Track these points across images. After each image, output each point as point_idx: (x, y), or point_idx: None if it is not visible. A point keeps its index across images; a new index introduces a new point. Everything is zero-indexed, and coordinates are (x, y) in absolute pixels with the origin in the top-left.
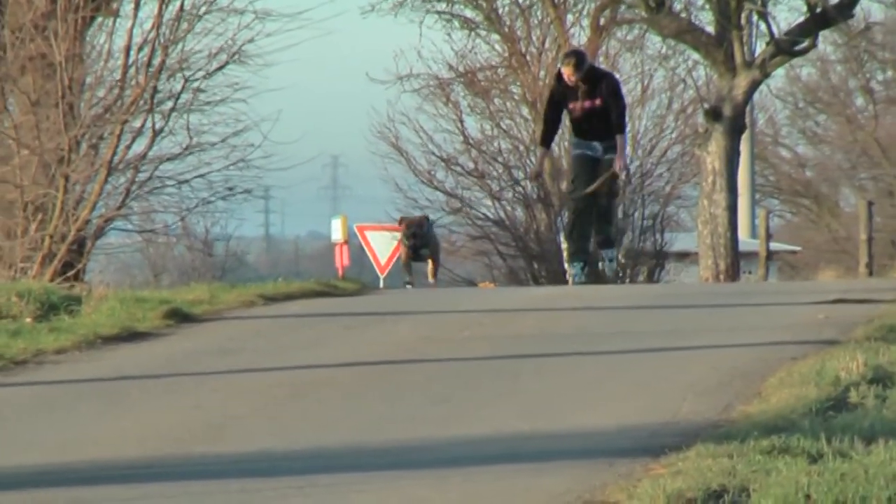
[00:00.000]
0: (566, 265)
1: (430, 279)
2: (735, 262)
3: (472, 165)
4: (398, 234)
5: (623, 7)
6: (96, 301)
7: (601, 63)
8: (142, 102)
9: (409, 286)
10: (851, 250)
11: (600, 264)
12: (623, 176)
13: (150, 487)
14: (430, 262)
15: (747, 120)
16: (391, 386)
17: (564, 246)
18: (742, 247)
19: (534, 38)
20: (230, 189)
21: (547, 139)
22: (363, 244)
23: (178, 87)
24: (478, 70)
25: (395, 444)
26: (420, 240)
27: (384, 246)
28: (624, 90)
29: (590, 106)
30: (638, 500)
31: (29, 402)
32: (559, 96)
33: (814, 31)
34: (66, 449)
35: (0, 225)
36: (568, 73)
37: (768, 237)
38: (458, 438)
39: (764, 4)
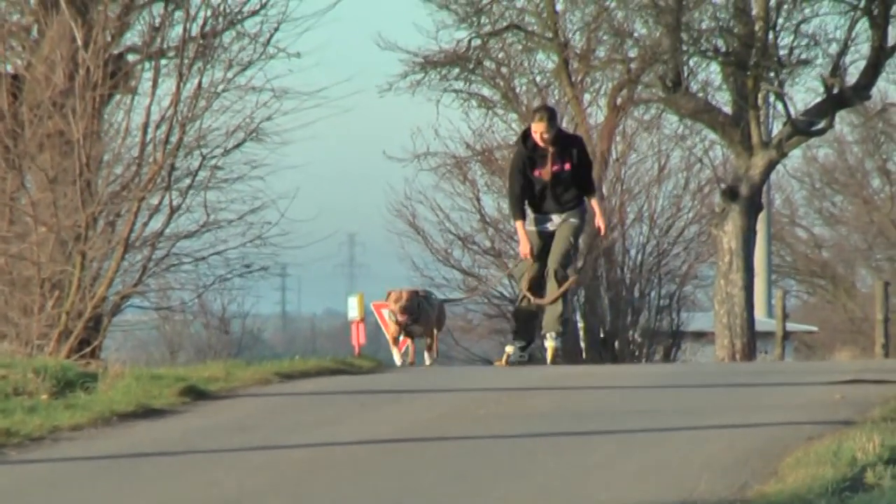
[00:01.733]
0: (508, 343)
1: (426, 358)
2: (751, 341)
3: (488, 244)
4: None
5: (640, 87)
6: (112, 378)
7: (615, 140)
8: (159, 180)
9: (400, 364)
10: (868, 331)
11: (547, 349)
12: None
13: None
14: (427, 337)
15: (764, 200)
16: (407, 463)
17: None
18: (758, 326)
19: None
20: (247, 266)
21: (522, 211)
22: (379, 322)
23: (196, 164)
24: (495, 149)
25: None
26: (411, 316)
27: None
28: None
29: (558, 170)
30: None
31: (45, 479)
32: (525, 162)
33: (831, 112)
34: None
35: (17, 301)
36: (541, 129)
37: (785, 317)
38: None
39: (781, 85)
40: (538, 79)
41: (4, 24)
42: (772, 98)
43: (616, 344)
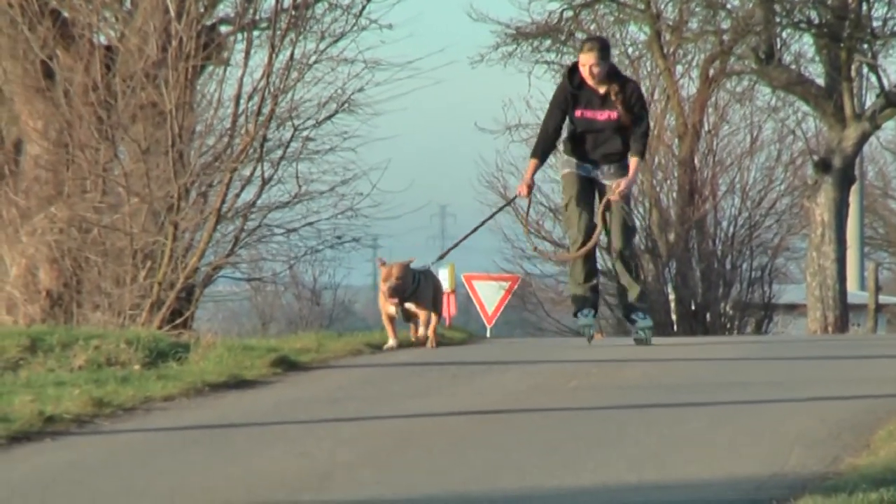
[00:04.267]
0: (575, 316)
1: (425, 339)
2: (844, 314)
3: None
4: (504, 284)
5: (733, 58)
6: (204, 349)
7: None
8: (251, 151)
9: (390, 348)
10: None
11: (633, 335)
12: (624, 205)
13: None
14: (420, 314)
15: (857, 172)
16: (499, 435)
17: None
18: (851, 299)
19: (643, 88)
20: (338, 238)
21: (544, 151)
22: (470, 294)
23: (288, 135)
24: None
25: (503, 493)
26: (402, 291)
27: (491, 296)
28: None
29: (605, 117)
30: None
31: (138, 449)
32: (567, 99)
33: None
34: (175, 496)
35: (110, 272)
36: (590, 62)
37: (877, 290)
38: (565, 488)
39: (874, 57)
40: (630, 50)
41: None
42: (865, 70)
43: (707, 316)
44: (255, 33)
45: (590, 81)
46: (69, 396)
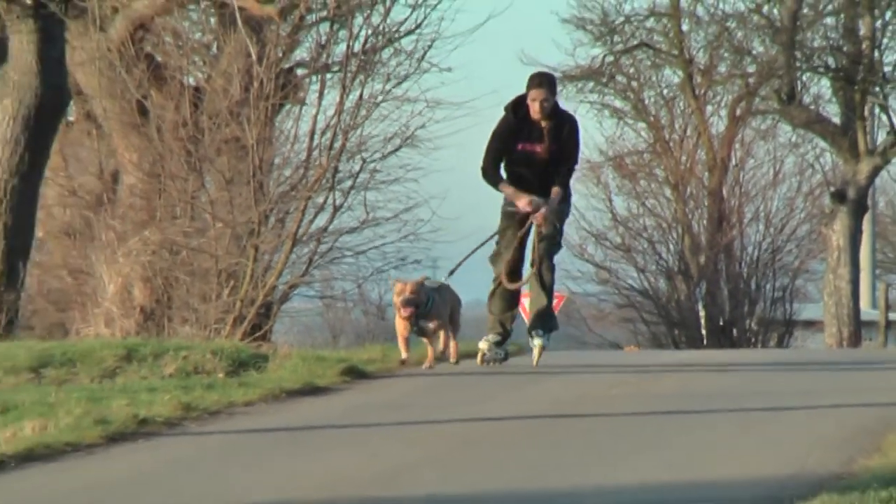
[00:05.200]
0: (483, 340)
1: (447, 357)
2: (857, 330)
3: (619, 240)
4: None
5: (758, 99)
6: (281, 359)
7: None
8: (324, 181)
9: (403, 361)
10: None
11: (533, 348)
12: (549, 229)
13: None
14: (440, 335)
15: (869, 202)
16: (548, 438)
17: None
18: (863, 316)
19: (676, 126)
20: (402, 259)
21: (499, 174)
22: (521, 310)
23: (357, 167)
24: (625, 154)
25: (552, 490)
26: (414, 303)
27: None
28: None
29: (542, 150)
30: None
31: (222, 449)
32: (510, 131)
33: None
34: (255, 492)
35: (197, 290)
36: (541, 97)
37: (888, 308)
38: (607, 487)
39: (885, 98)
40: (665, 92)
41: (188, 41)
42: (877, 110)
43: (734, 331)
44: (328, 76)
45: (536, 116)
46: (160, 401)
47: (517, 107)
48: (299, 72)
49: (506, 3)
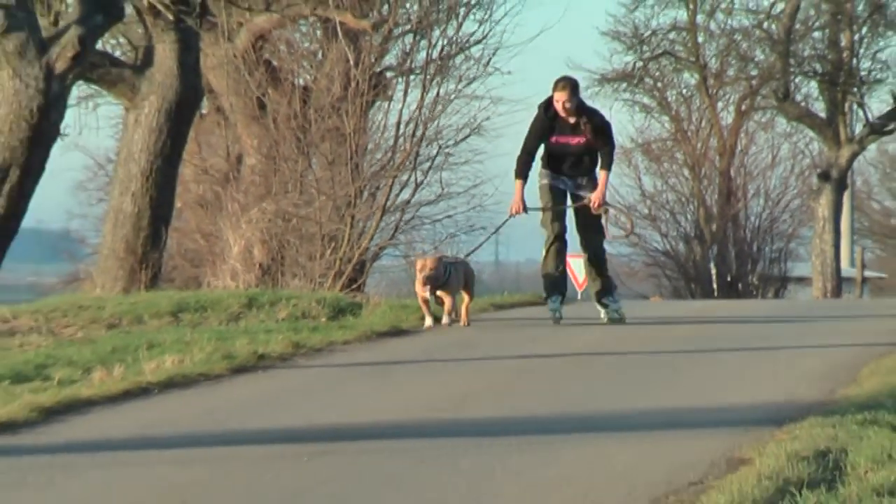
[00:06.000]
0: (544, 302)
1: (458, 319)
2: (838, 285)
3: (646, 211)
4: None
5: (759, 97)
6: (372, 306)
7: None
8: (408, 163)
9: (428, 327)
10: None
11: (603, 314)
12: (602, 211)
13: (410, 442)
14: (446, 300)
15: (848, 181)
16: (586, 371)
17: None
18: (843, 274)
19: (693, 119)
20: (470, 226)
21: (525, 172)
22: (568, 272)
23: (434, 151)
24: (652, 142)
25: (589, 413)
26: (435, 280)
27: (581, 269)
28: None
29: (576, 142)
30: (766, 458)
31: (325, 379)
32: (543, 128)
33: None
34: (352, 413)
35: (304, 251)
36: (563, 98)
37: (863, 267)
38: (634, 410)
39: (862, 97)
40: (684, 91)
41: (298, 49)
42: (855, 107)
43: (739, 285)
44: (412, 77)
45: (562, 114)
46: (275, 340)
47: (548, 106)
48: (388, 74)
49: (555, 19)
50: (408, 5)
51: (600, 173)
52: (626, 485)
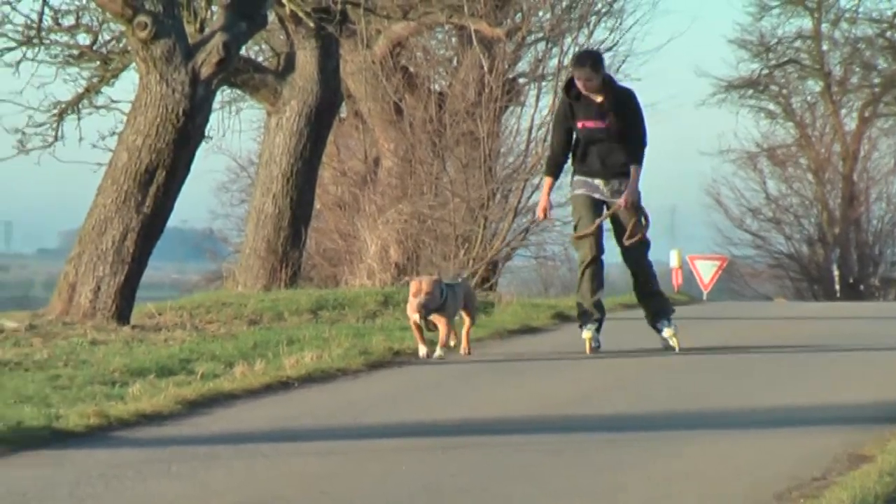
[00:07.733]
0: (580, 328)
1: (458, 347)
2: None
3: (770, 214)
4: (716, 262)
5: (882, 104)
6: (504, 305)
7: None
8: (539, 166)
9: (423, 356)
10: None
11: (663, 340)
12: (635, 215)
13: (540, 437)
14: (441, 325)
15: None
16: (709, 368)
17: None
18: None
19: (817, 125)
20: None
21: (556, 169)
22: (692, 269)
23: None
24: (777, 147)
25: (712, 409)
26: (429, 306)
27: (707, 271)
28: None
29: (604, 125)
30: (888, 455)
31: (458, 374)
32: (567, 113)
33: None
34: (483, 408)
35: (439, 250)
36: (584, 76)
37: None
38: (753, 409)
39: None
40: (808, 98)
41: (434, 55)
42: None
43: (861, 287)
44: (543, 83)
45: (585, 93)
46: (410, 337)
47: (569, 85)
48: (521, 80)
49: (684, 27)
50: (540, 14)
51: (632, 169)
52: (750, 479)
